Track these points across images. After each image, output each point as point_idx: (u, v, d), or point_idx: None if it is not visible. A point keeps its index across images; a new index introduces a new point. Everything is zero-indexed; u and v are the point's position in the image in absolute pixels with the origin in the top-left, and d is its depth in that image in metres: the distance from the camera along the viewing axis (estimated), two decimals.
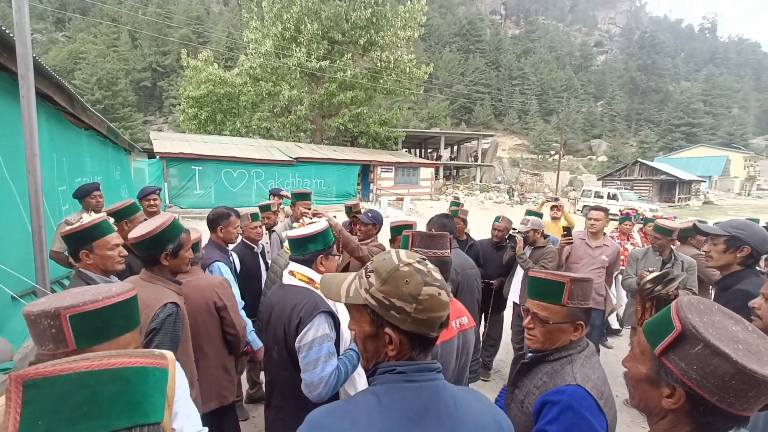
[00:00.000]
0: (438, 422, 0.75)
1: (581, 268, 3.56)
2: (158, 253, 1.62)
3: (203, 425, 1.09)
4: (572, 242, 3.62)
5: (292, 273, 1.69)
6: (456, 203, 4.67)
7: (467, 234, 3.93)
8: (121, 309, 0.84)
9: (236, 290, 2.43)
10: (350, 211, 3.90)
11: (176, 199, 15.09)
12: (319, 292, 1.60)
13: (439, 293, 0.78)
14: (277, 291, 1.72)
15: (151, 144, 16.49)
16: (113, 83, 38.63)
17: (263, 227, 3.34)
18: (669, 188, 30.84)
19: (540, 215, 3.83)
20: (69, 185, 4.40)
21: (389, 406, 0.74)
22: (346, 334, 1.62)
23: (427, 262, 0.83)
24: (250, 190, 16.36)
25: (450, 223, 2.76)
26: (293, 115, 22.90)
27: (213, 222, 2.55)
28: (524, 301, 1.81)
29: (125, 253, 1.79)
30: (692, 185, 32.41)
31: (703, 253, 1.99)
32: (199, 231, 2.23)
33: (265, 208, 3.77)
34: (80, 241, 1.69)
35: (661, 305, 3.18)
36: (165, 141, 17.31)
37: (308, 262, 1.70)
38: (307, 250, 1.69)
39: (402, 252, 0.84)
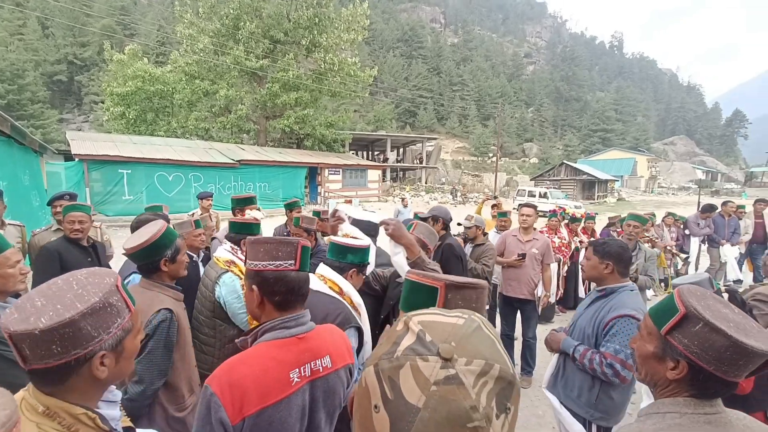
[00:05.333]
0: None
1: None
2: (157, 260, 1.63)
3: None
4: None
5: (323, 278, 1.71)
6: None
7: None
8: None
9: None
10: (297, 223, 3.40)
11: (101, 206, 13.68)
12: (346, 303, 1.66)
13: None
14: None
15: (69, 145, 14.81)
16: (19, 76, 33.73)
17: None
18: (590, 187, 34.38)
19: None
20: None
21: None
22: (368, 346, 1.69)
23: None
24: (188, 195, 15.30)
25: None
26: (233, 115, 21.89)
27: (133, 231, 2.43)
28: None
29: (27, 270, 1.66)
30: (608, 184, 36.44)
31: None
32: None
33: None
34: None
35: None
36: (85, 141, 15.62)
37: (341, 270, 1.76)
38: (345, 258, 1.77)
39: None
